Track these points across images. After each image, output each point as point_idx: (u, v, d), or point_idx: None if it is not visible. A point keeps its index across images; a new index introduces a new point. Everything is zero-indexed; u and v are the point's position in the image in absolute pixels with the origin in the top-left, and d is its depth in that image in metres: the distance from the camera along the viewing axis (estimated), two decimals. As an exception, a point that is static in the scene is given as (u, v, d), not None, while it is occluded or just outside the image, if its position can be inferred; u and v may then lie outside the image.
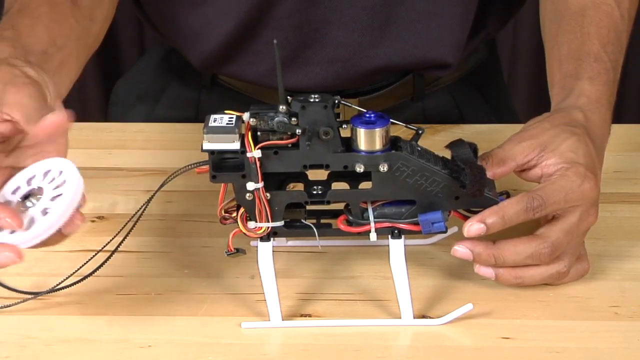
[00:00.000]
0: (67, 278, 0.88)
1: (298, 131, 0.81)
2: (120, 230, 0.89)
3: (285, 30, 1.10)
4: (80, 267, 0.89)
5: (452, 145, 0.84)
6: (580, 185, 0.85)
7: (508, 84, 1.38)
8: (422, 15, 1.11)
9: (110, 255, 0.87)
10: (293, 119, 0.81)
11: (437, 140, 1.09)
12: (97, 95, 2.07)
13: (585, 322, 0.86)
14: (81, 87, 2.08)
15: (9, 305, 0.87)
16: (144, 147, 0.90)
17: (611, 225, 0.99)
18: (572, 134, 0.88)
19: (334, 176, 0.86)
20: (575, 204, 0.85)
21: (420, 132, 0.84)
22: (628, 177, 1.08)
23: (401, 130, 0.85)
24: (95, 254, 0.89)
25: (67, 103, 0.84)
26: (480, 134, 0.97)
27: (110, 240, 0.90)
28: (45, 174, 0.79)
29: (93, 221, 1.00)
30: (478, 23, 1.16)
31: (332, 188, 0.85)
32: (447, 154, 0.85)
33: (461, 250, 0.85)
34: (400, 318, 0.85)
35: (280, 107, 0.81)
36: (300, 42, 1.11)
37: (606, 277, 0.91)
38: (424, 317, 0.86)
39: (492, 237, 0.85)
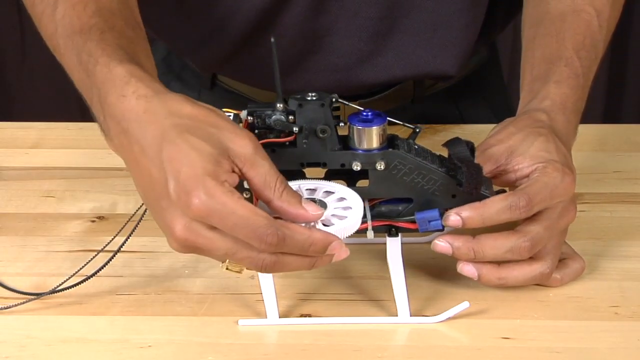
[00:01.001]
0: (69, 278, 0.88)
1: (295, 129, 0.81)
2: (120, 230, 0.89)
3: (290, 37, 1.10)
4: (81, 268, 0.88)
5: (449, 144, 0.84)
6: (562, 180, 0.85)
7: (508, 84, 1.37)
8: (427, 27, 1.11)
9: (113, 256, 0.87)
10: (290, 117, 0.81)
11: (437, 140, 1.09)
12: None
13: (585, 322, 0.86)
14: (81, 87, 2.08)
15: (11, 307, 0.87)
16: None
17: (611, 225, 0.99)
18: (539, 134, 0.89)
19: (331, 174, 0.86)
20: (559, 199, 0.85)
21: (417, 130, 0.84)
22: (628, 177, 1.08)
23: (402, 130, 0.85)
24: (97, 254, 0.89)
25: (68, 103, 0.84)
26: (480, 134, 0.97)
27: (111, 241, 0.90)
28: (328, 193, 0.82)
29: (93, 221, 1.00)
30: (481, 30, 1.16)
31: (330, 186, 0.85)
32: (445, 153, 0.85)
33: (441, 244, 0.84)
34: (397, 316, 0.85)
35: (278, 105, 0.81)
36: (305, 49, 1.11)
37: (606, 277, 0.91)
38: (421, 315, 0.86)
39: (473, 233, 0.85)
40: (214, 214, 0.73)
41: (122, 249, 0.87)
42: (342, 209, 0.81)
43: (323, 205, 0.81)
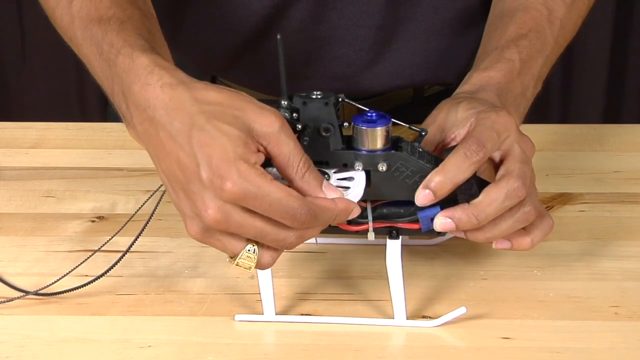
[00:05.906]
0: (63, 276, 0.88)
1: (298, 127, 0.81)
2: (119, 231, 0.89)
3: (291, 45, 1.10)
4: (76, 267, 0.88)
5: (448, 151, 0.84)
6: (496, 115, 0.84)
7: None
8: (422, 36, 1.12)
9: (122, 256, 0.86)
10: (294, 115, 0.81)
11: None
12: (97, 95, 2.07)
13: (585, 322, 0.86)
14: (81, 87, 2.08)
15: (12, 299, 0.87)
16: (143, 147, 0.90)
17: (611, 225, 0.99)
18: (458, 104, 0.88)
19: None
20: (505, 134, 0.84)
21: (423, 133, 0.84)
22: (628, 177, 1.08)
23: (411, 133, 0.85)
24: (92, 254, 0.89)
25: (68, 103, 0.85)
26: (480, 134, 0.97)
27: (108, 241, 0.90)
28: (337, 171, 0.83)
29: (93, 221, 1.00)
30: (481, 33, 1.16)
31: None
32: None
33: (442, 220, 0.82)
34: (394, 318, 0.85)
35: (282, 102, 0.81)
36: (306, 57, 1.12)
37: (606, 277, 0.91)
38: (423, 317, 0.86)
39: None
40: (249, 195, 0.75)
41: (121, 249, 0.87)
42: (345, 180, 0.82)
43: (324, 174, 0.82)
